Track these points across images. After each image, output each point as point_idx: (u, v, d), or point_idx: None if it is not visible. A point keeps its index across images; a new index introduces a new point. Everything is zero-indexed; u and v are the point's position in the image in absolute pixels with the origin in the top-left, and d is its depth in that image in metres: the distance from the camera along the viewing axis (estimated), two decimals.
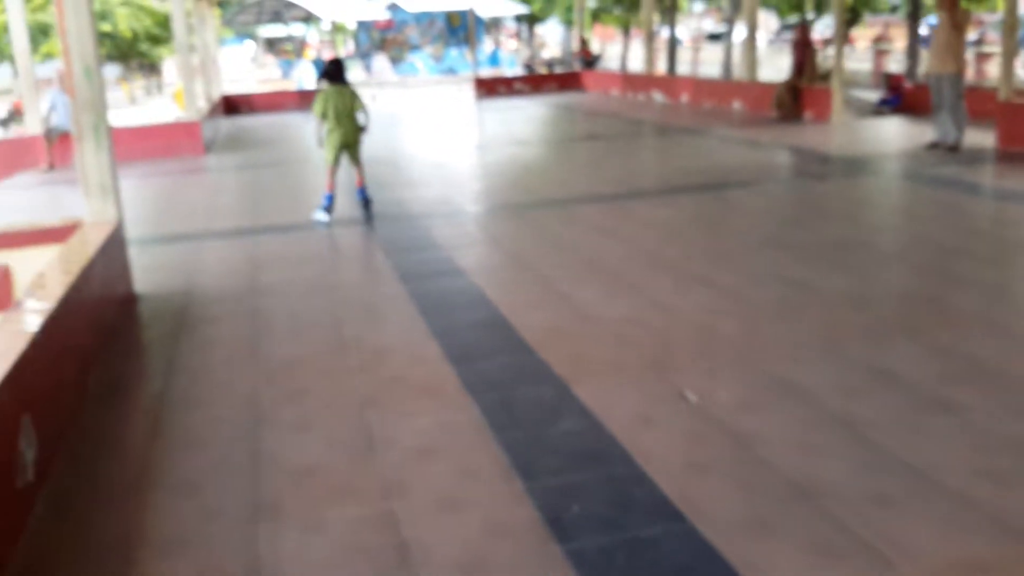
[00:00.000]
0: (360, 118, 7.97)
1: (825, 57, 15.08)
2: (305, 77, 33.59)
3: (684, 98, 17.90)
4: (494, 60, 40.41)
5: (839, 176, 9.24)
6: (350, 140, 7.97)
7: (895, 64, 25.50)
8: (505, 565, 2.65)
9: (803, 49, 14.12)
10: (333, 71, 8.00)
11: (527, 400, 3.78)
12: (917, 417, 3.45)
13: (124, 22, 34.20)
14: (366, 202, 8.21)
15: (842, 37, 13.64)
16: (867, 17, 28.28)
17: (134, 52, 35.87)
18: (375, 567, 2.67)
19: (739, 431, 3.39)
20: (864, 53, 30.21)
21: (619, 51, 38.42)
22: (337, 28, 29.68)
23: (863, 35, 35.65)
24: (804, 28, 15.03)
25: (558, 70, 30.27)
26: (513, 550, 2.72)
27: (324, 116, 7.84)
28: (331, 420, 3.71)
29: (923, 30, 22.78)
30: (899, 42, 29.68)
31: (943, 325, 4.47)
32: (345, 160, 8.09)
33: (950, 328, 4.42)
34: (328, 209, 7.88)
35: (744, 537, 2.71)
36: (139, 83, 40.56)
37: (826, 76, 14.10)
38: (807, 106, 13.81)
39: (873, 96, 15.79)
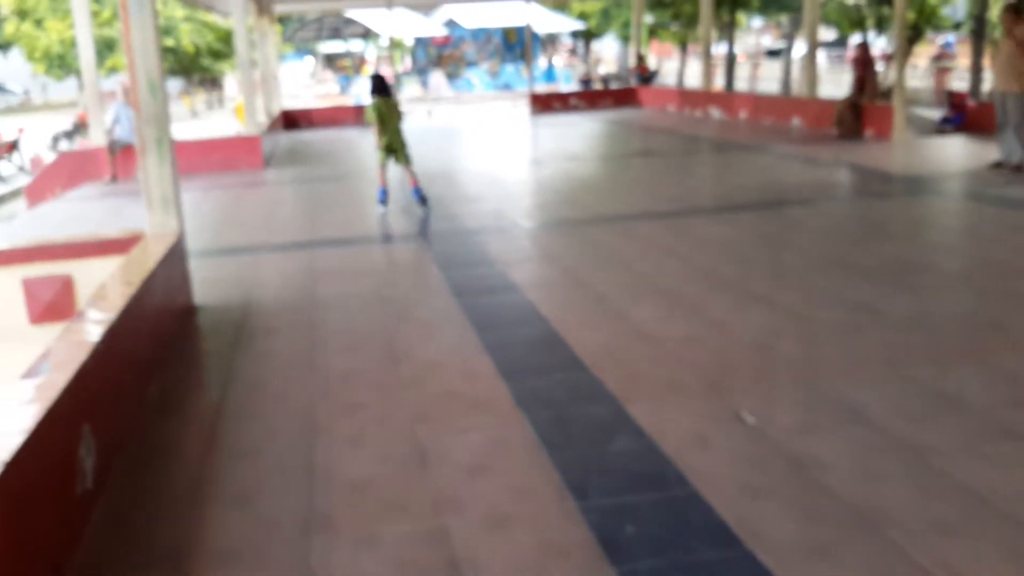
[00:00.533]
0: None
1: (886, 75, 14.82)
2: (363, 93, 34.09)
3: (742, 115, 17.72)
4: (550, 76, 40.55)
5: (901, 195, 9.04)
6: (396, 143, 9.06)
7: (958, 82, 24.96)
8: None
9: (864, 66, 13.88)
10: (379, 85, 9.20)
11: (581, 418, 3.74)
12: (982, 444, 3.33)
13: (187, 37, 35.09)
14: (422, 200, 9.09)
15: (903, 54, 13.39)
16: (929, 34, 27.75)
17: (196, 67, 36.77)
18: None
19: (798, 454, 3.31)
20: (926, 70, 29.64)
21: (676, 67, 38.27)
22: (395, 44, 30.06)
23: (924, 52, 34.96)
24: (864, 45, 14.78)
25: (614, 86, 30.23)
26: (566, 571, 2.68)
27: (372, 122, 9.04)
28: (384, 434, 3.71)
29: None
30: (963, 59, 29.07)
31: (1009, 349, 4.33)
32: (401, 168, 9.26)
33: (1016, 352, 4.27)
34: (383, 201, 9.15)
35: (802, 563, 2.64)
36: (201, 97, 41.53)
37: (887, 93, 13.83)
38: (868, 124, 13.56)
39: (935, 114, 15.46)
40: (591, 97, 23.87)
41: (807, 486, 3.09)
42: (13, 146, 22.07)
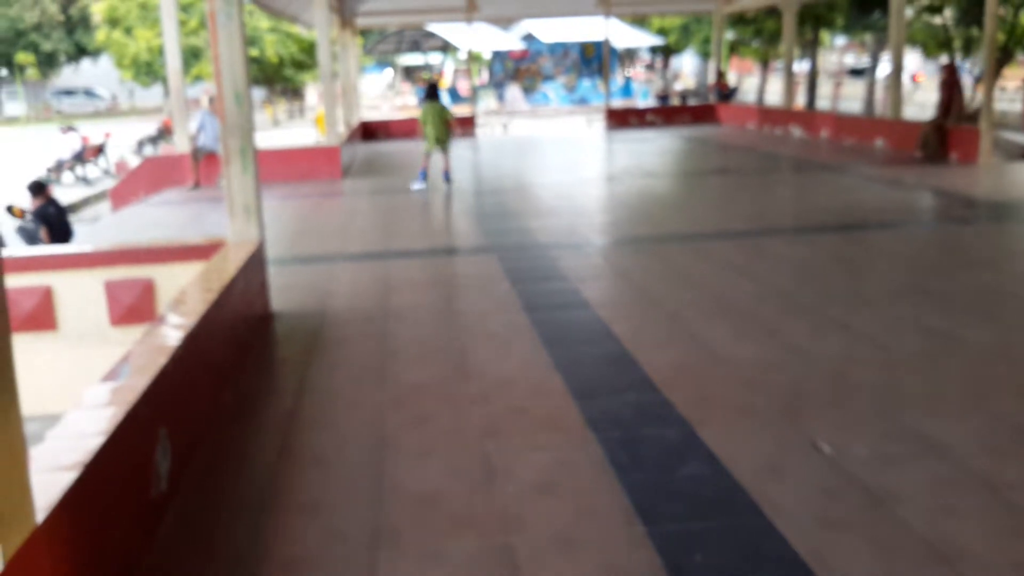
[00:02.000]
0: (448, 118, 12.36)
1: (973, 97, 14.37)
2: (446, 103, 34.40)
3: (824, 134, 17.37)
4: (626, 91, 40.39)
5: (986, 221, 8.74)
6: (441, 136, 12.24)
7: None
8: None
9: (950, 88, 13.47)
10: (430, 92, 12.53)
11: (651, 441, 3.69)
12: None
13: (271, 48, 35.98)
14: (448, 179, 12.32)
15: (992, 76, 12.96)
16: (1020, 56, 26.80)
17: (279, 77, 37.68)
18: None
19: (875, 487, 3.21)
20: (1015, 93, 28.59)
21: (756, 84, 37.76)
22: (473, 57, 30.35)
23: (1015, 75, 33.74)
24: (951, 67, 14.36)
25: (692, 102, 29.97)
26: None
27: (424, 122, 12.26)
28: (452, 448, 3.72)
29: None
30: None
31: None
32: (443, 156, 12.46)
33: None
34: (423, 181, 12.18)
35: None
36: (282, 106, 42.53)
37: (974, 116, 13.40)
38: (953, 147, 13.16)
39: (1023, 139, 14.90)
40: (668, 113, 23.70)
41: (883, 519, 3.00)
42: (100, 150, 22.92)
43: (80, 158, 21.64)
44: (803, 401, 4.08)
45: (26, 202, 10.47)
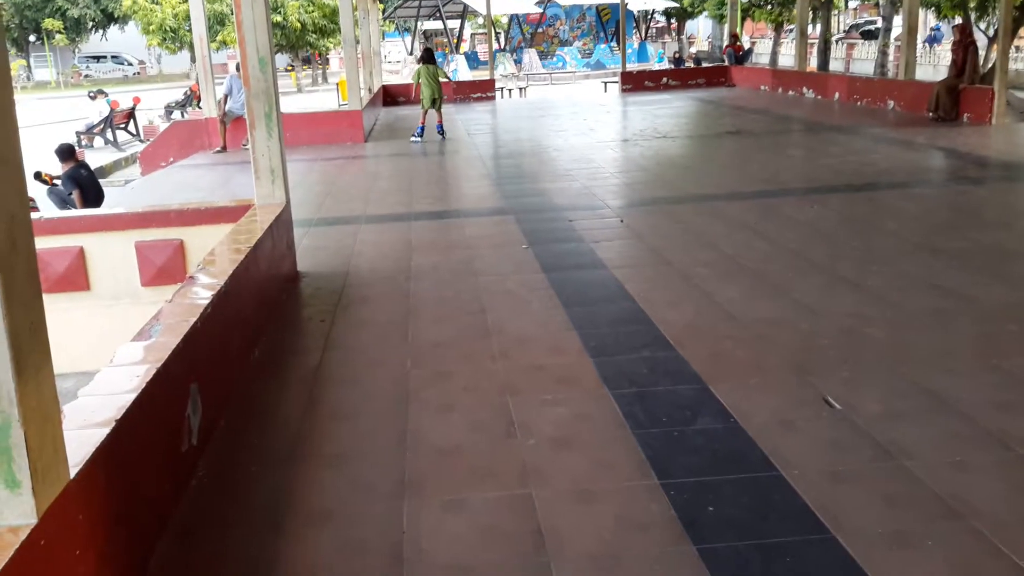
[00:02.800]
0: (442, 78, 14.32)
1: (987, 57, 14.21)
2: (460, 69, 34.37)
3: (836, 96, 17.25)
4: (642, 55, 40.05)
5: (998, 181, 8.73)
6: (436, 95, 13.92)
7: None
8: (638, 560, 2.68)
9: (964, 49, 13.32)
10: (425, 56, 14.39)
11: (665, 397, 3.80)
12: None
13: (294, 14, 35.89)
14: (442, 133, 14.06)
15: (1008, 36, 12.80)
16: None
17: (302, 42, 37.64)
18: (511, 551, 2.76)
19: (884, 441, 3.30)
20: None
21: (769, 47, 37.38)
22: (492, 22, 30.15)
23: None
24: (964, 27, 14.18)
25: (705, 65, 29.71)
26: (646, 546, 2.75)
27: (420, 82, 13.88)
28: (473, 403, 3.83)
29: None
30: None
31: None
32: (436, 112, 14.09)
33: None
34: (420, 135, 13.94)
35: (885, 552, 2.64)
36: (305, 72, 42.49)
37: (986, 77, 13.26)
38: (965, 107, 13.06)
39: None
40: (683, 76, 23.53)
41: (892, 474, 3.08)
42: (130, 115, 23.07)
43: (110, 123, 21.78)
44: (814, 358, 4.17)
45: (55, 167, 10.60)
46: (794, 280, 5.41)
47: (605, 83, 27.12)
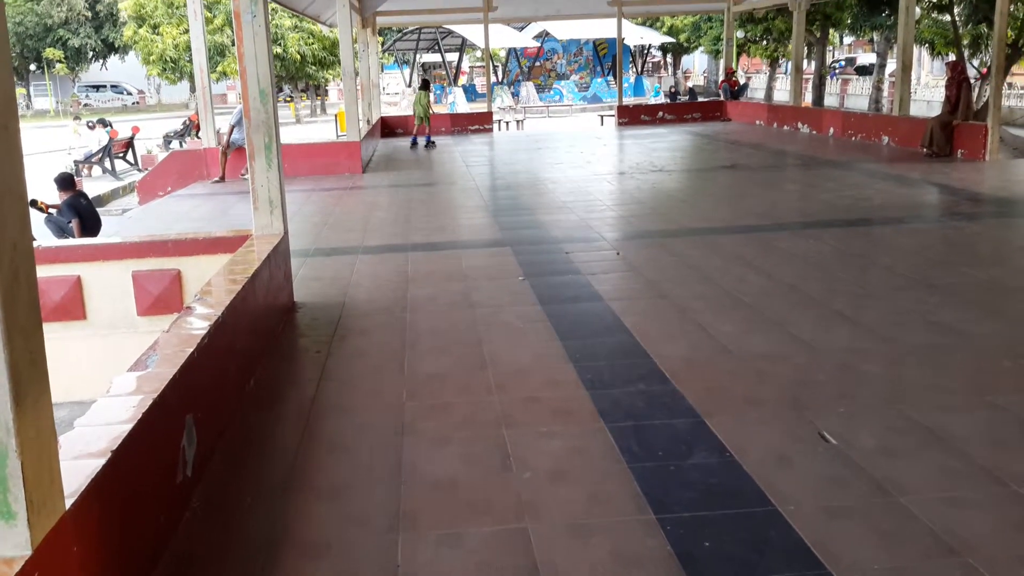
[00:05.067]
0: (429, 102, 18.58)
1: (980, 93, 14.37)
2: (458, 101, 34.64)
3: (831, 131, 17.42)
4: (638, 89, 40.40)
5: (992, 217, 8.79)
6: (426, 114, 18.39)
7: None
8: None
9: (958, 86, 13.49)
10: (424, 84, 19.36)
11: (661, 430, 3.80)
12: None
13: (294, 46, 36.22)
14: (430, 144, 18.14)
15: (1001, 73, 12.96)
16: None
17: (302, 74, 37.97)
18: None
19: (880, 477, 3.30)
20: (1023, 89, 28.47)
21: (764, 82, 37.81)
22: (490, 55, 30.48)
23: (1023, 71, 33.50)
24: (958, 64, 14.38)
25: (701, 99, 30.01)
26: None
27: (417, 103, 18.38)
28: (469, 436, 3.83)
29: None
30: None
31: None
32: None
33: None
34: (414, 145, 18.32)
35: None
36: (304, 103, 42.81)
37: (979, 113, 13.40)
38: (959, 143, 13.19)
39: None
40: (679, 110, 23.75)
41: (888, 510, 3.08)
42: (128, 144, 23.19)
43: (108, 152, 21.89)
44: (810, 393, 4.18)
45: (53, 195, 10.63)
46: (790, 314, 5.43)
47: (602, 116, 27.33)
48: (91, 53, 51.12)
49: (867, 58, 46.32)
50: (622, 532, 3.01)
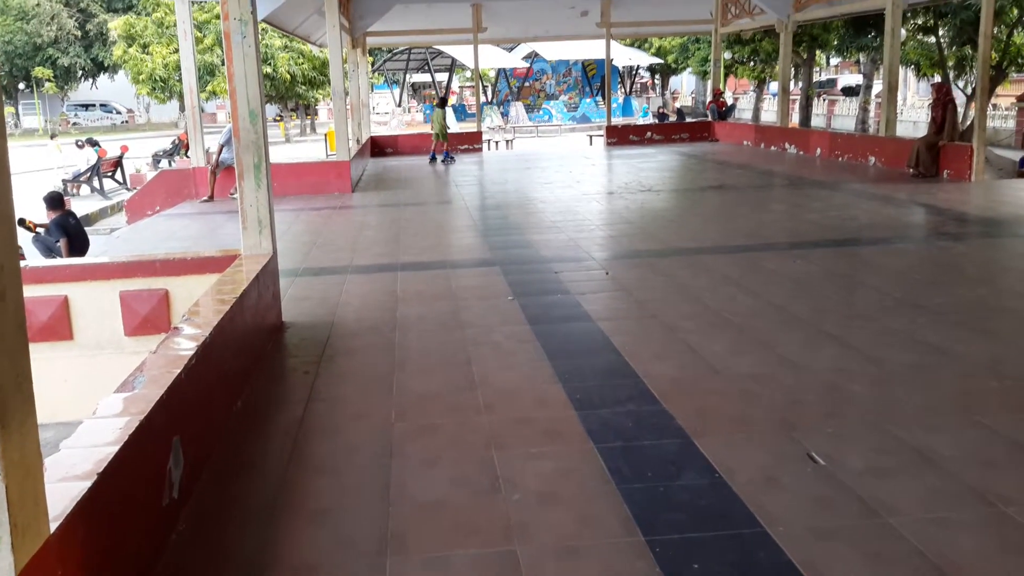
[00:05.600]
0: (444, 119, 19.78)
1: (966, 115, 14.54)
2: (448, 121, 34.83)
3: (818, 151, 17.56)
4: (627, 109, 40.67)
5: (978, 237, 8.85)
6: (443, 131, 19.19)
7: None
8: None
9: (943, 107, 13.63)
10: (441, 102, 20.77)
11: (650, 451, 3.80)
12: None
13: (284, 65, 36.34)
14: (450, 158, 19.24)
15: (986, 94, 13.12)
16: (1013, 74, 27.07)
17: (291, 93, 38.12)
18: None
19: (868, 498, 3.31)
20: (1008, 111, 28.81)
21: (752, 103, 38.12)
22: (480, 76, 30.69)
23: (1008, 92, 33.92)
24: (943, 85, 14.55)
25: (689, 120, 30.23)
26: None
27: (435, 120, 19.34)
28: (457, 457, 3.81)
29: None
30: None
31: None
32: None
33: None
34: (433, 160, 19.28)
35: None
36: (294, 122, 42.90)
37: (965, 134, 13.54)
38: (945, 164, 13.32)
39: (1017, 156, 15.05)
40: (667, 130, 23.90)
41: (876, 530, 3.08)
42: (117, 163, 23.17)
43: (97, 171, 21.86)
44: (798, 413, 4.18)
45: (42, 214, 10.61)
46: (778, 335, 5.45)
47: (591, 136, 27.48)
48: (80, 72, 51.16)
49: (847, 80, 46.94)
50: (611, 554, 3.00)
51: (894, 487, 3.39)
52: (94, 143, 22.61)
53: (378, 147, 22.02)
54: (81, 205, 18.42)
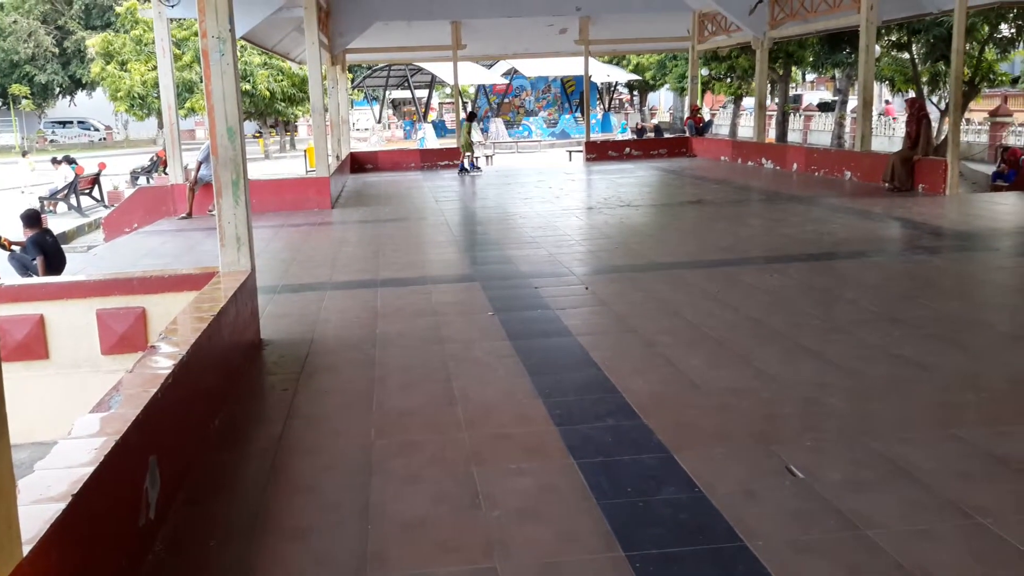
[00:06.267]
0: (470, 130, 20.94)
1: (939, 129, 14.76)
2: (427, 137, 34.86)
3: (794, 166, 17.73)
4: (605, 125, 40.91)
5: (953, 250, 8.96)
6: (467, 143, 20.60)
7: (1013, 138, 24.63)
8: None
9: (917, 122, 13.82)
10: (470, 116, 21.59)
11: (630, 466, 3.80)
12: None
13: (263, 82, 36.30)
14: (475, 167, 20.68)
15: (959, 109, 13.31)
16: (985, 90, 27.55)
17: (271, 110, 38.07)
18: None
19: (847, 510, 3.32)
20: (981, 125, 29.30)
21: (729, 118, 38.48)
22: (459, 92, 30.85)
23: (982, 107, 34.55)
24: (917, 100, 14.76)
25: (667, 135, 30.45)
26: None
27: (463, 132, 20.76)
28: (438, 474, 3.80)
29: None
30: (1019, 115, 28.69)
31: None
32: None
33: None
34: (463, 170, 20.35)
35: None
36: (273, 139, 42.84)
37: (939, 149, 13.73)
38: (920, 178, 13.49)
39: (990, 169, 15.27)
40: (645, 146, 24.07)
41: (855, 543, 3.10)
42: (94, 180, 23.02)
43: (74, 188, 21.70)
44: (776, 426, 4.21)
45: (18, 232, 10.52)
46: (756, 348, 5.48)
47: (570, 152, 27.61)
48: (58, 89, 50.86)
49: (811, 96, 47.45)
50: (592, 570, 3.00)
51: (872, 500, 3.41)
52: (71, 160, 22.46)
53: (358, 163, 22.02)
54: (58, 223, 18.26)
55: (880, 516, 3.27)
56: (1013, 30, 23.89)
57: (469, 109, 25.48)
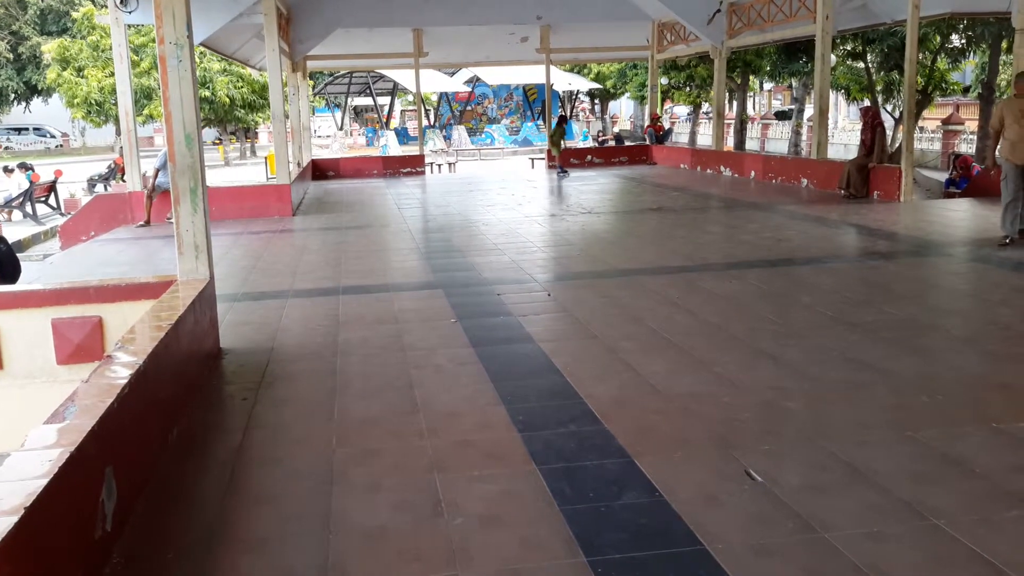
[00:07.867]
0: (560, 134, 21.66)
1: (894, 137, 15.05)
2: (390, 144, 34.77)
3: (752, 174, 17.96)
4: (567, 133, 41.09)
5: (908, 256, 9.13)
6: (557, 147, 21.46)
7: (965, 146, 25.22)
8: None
9: (871, 130, 14.07)
10: (559, 120, 22.15)
11: (592, 471, 3.82)
12: (988, 508, 3.37)
13: (223, 89, 35.93)
14: (562, 171, 20.21)
15: (912, 118, 13.58)
16: (938, 98, 28.18)
17: (231, 117, 37.70)
18: None
19: (805, 513, 3.36)
20: (934, 133, 29.95)
21: (688, 127, 38.91)
22: (421, 99, 30.85)
23: (934, 115, 35.31)
24: (871, 109, 15.04)
25: (628, 144, 30.70)
26: None
27: (553, 135, 21.69)
28: (400, 482, 3.79)
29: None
30: (970, 122, 29.38)
31: (1015, 412, 4.36)
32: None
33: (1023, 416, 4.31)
34: (562, 171, 20.23)
35: None
36: (233, 145, 42.43)
37: (894, 156, 14.00)
38: (875, 185, 13.74)
39: (943, 176, 15.60)
40: (606, 154, 24.24)
41: (813, 546, 3.14)
42: (51, 188, 22.63)
43: (29, 196, 21.31)
44: (736, 431, 4.25)
45: None
46: (715, 353, 5.54)
47: (532, 159, 27.70)
48: (13, 96, 49.89)
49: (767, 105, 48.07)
50: None
51: (830, 502, 3.45)
52: (27, 167, 22.06)
53: (320, 170, 21.89)
54: (13, 231, 17.91)
55: (838, 518, 3.32)
56: (963, 40, 24.48)
57: (560, 112, 25.28)
